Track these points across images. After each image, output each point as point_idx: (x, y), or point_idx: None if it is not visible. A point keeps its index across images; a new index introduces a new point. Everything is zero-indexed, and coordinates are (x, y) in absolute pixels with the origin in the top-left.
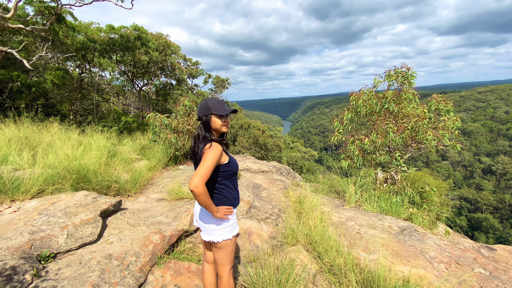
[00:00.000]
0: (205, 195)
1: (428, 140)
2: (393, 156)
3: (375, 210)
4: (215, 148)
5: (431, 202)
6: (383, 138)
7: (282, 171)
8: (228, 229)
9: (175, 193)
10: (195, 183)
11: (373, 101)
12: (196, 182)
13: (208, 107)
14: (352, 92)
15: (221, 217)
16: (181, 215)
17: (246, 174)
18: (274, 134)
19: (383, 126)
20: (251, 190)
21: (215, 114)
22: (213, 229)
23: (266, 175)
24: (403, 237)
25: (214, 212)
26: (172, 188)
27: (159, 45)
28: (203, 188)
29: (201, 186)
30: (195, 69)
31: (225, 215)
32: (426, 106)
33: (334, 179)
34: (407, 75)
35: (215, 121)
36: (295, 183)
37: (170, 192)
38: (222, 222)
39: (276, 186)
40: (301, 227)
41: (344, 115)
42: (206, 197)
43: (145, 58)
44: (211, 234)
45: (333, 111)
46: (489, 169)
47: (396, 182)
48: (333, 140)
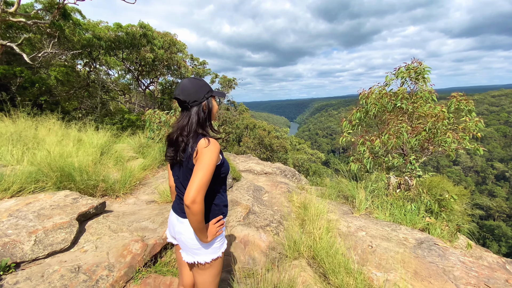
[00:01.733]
0: (202, 215)
1: (448, 143)
2: (407, 160)
3: (388, 219)
4: (214, 147)
5: (451, 211)
6: (396, 139)
7: (287, 173)
8: (217, 245)
9: (167, 195)
10: (192, 196)
11: (385, 100)
12: (193, 196)
13: (208, 87)
14: (361, 90)
15: (212, 239)
16: None
17: (248, 175)
18: (280, 135)
19: (395, 126)
20: (251, 193)
21: (216, 96)
22: (198, 248)
23: (270, 177)
24: (422, 251)
25: (204, 238)
26: (164, 189)
27: (165, 43)
28: (202, 204)
29: (200, 202)
30: (202, 68)
31: (217, 233)
32: (444, 106)
33: (342, 183)
34: (420, 70)
35: (215, 106)
36: (300, 186)
37: (162, 193)
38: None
39: (279, 189)
40: (304, 237)
41: (353, 115)
42: (202, 218)
43: (150, 56)
44: (196, 254)
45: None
46: (503, 175)
47: (411, 188)
48: (341, 141)
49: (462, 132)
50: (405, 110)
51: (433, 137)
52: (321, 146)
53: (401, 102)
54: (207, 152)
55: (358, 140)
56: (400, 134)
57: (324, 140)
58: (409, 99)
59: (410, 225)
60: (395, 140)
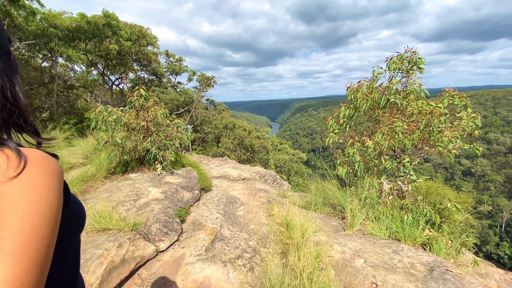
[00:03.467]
0: None
1: (444, 143)
2: (400, 162)
3: (385, 234)
4: (42, 173)
5: (453, 222)
6: (391, 140)
7: (267, 178)
8: None
9: (98, 220)
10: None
11: (376, 94)
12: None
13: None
14: (349, 84)
15: None
16: (89, 264)
17: (222, 182)
18: (261, 135)
19: (389, 125)
20: (222, 209)
21: None
22: None
23: (247, 183)
24: (436, 285)
25: None
26: (99, 211)
27: (133, 35)
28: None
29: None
30: (178, 65)
31: None
32: (439, 101)
33: (329, 189)
34: (414, 60)
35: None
36: (281, 193)
37: (94, 217)
38: None
39: (257, 200)
40: (287, 278)
41: (341, 112)
42: None
43: (114, 47)
44: None
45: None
46: (469, 171)
47: (405, 195)
48: (327, 142)
49: (455, 130)
50: (399, 106)
51: (428, 137)
52: (302, 146)
53: (395, 97)
54: (19, 189)
55: (347, 140)
56: (395, 134)
57: (304, 139)
58: (401, 94)
59: (410, 241)
60: (391, 141)
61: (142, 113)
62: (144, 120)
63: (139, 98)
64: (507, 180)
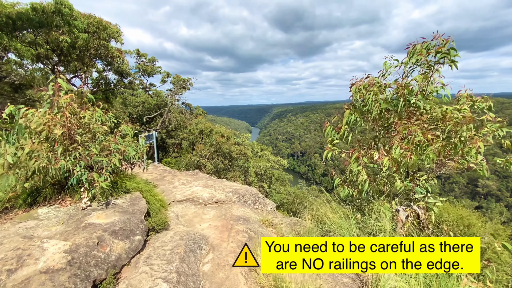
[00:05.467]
0: None
1: (472, 155)
2: (415, 181)
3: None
4: None
5: (502, 263)
6: (414, 155)
7: (247, 199)
8: None
9: None
10: None
11: (391, 95)
12: None
13: None
14: (355, 80)
15: None
16: None
17: (187, 209)
18: (241, 141)
19: (408, 135)
20: (176, 267)
21: None
22: None
23: (222, 208)
24: None
25: None
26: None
27: (90, 26)
28: None
29: None
30: (151, 66)
31: None
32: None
33: (328, 219)
34: (444, 51)
35: None
36: (265, 219)
37: None
38: None
39: (233, 238)
40: None
41: (344, 117)
42: None
43: (65, 39)
44: None
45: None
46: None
47: (424, 224)
48: (325, 156)
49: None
50: (421, 110)
51: (453, 148)
52: (281, 150)
53: (416, 98)
54: None
55: (350, 155)
56: (416, 146)
57: (284, 144)
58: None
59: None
60: (413, 157)
61: (60, 115)
62: (62, 125)
63: (56, 92)
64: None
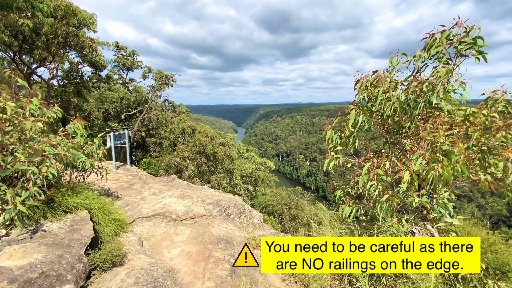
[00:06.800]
0: None
1: (500, 168)
2: (434, 198)
3: None
4: None
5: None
6: (445, 168)
7: (230, 212)
8: None
9: None
10: None
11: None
12: None
13: None
14: (360, 76)
15: None
16: None
17: (155, 228)
18: (226, 142)
19: (435, 142)
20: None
21: None
22: None
23: (199, 226)
24: None
25: None
26: None
27: (57, 10)
28: None
29: None
30: (131, 60)
31: None
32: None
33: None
34: (469, 41)
35: None
36: (252, 237)
37: None
38: None
39: (210, 276)
40: None
41: (351, 117)
42: None
43: (26, 22)
44: None
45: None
46: None
47: None
48: (326, 165)
49: None
50: (444, 112)
51: (481, 158)
52: (267, 151)
53: (437, 95)
54: None
55: (362, 164)
56: (446, 156)
57: (269, 145)
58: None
59: None
60: (440, 171)
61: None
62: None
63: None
64: None
